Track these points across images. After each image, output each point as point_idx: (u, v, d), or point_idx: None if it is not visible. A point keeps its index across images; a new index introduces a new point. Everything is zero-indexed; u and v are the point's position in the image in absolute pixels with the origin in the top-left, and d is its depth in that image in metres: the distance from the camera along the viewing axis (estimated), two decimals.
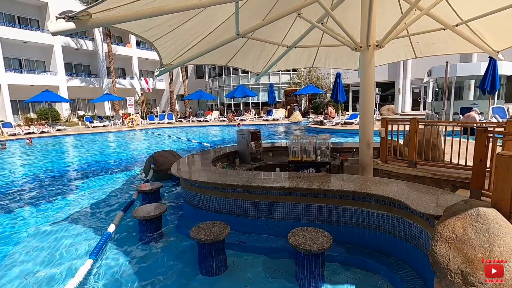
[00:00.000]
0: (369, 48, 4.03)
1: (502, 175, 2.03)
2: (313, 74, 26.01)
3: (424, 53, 6.53)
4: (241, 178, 3.61)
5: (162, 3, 2.95)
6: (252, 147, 5.33)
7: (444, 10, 4.89)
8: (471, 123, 5.01)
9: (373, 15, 3.70)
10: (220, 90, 30.87)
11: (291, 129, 17.54)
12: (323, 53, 7.17)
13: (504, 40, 5.38)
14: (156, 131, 18.97)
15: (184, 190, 4.21)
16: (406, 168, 4.85)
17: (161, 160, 6.24)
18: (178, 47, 4.95)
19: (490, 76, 10.85)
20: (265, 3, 5.03)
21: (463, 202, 2.09)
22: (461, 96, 16.12)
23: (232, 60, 6.54)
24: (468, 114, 8.25)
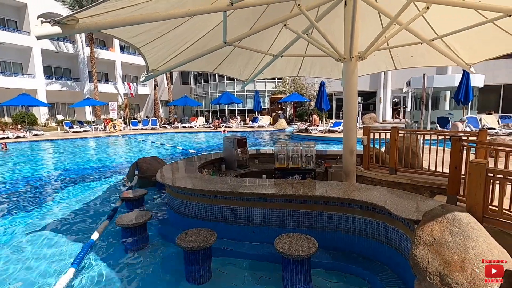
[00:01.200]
0: (352, 59, 4.19)
1: (474, 182, 2.16)
2: (298, 82, 26.49)
3: (403, 65, 6.85)
4: (227, 184, 3.62)
5: (151, 11, 2.97)
6: (238, 154, 5.35)
7: (421, 25, 5.17)
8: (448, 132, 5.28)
9: (355, 28, 3.86)
10: (206, 96, 30.78)
11: (276, 136, 17.70)
12: (308, 62, 7.36)
13: (475, 55, 5.74)
14: (140, 137, 18.60)
15: (170, 197, 4.16)
16: (387, 175, 5.02)
17: (146, 166, 6.14)
18: (165, 53, 4.94)
19: (463, 88, 11.48)
20: (253, 13, 5.13)
21: (440, 207, 2.20)
22: (437, 106, 16.87)
23: (219, 67, 6.59)
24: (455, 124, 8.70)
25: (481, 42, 5.32)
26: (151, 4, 2.92)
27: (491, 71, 19.49)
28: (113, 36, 3.42)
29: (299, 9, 3.81)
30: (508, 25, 4.52)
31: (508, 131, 11.76)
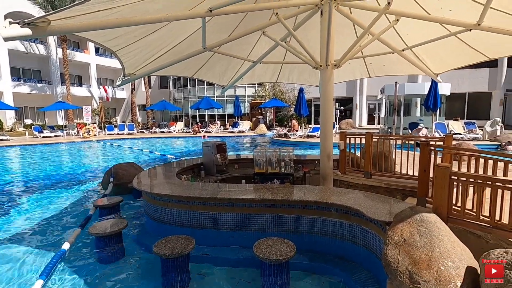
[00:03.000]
0: (328, 67, 4.34)
1: (440, 184, 2.31)
2: (277, 88, 26.86)
3: (376, 73, 7.18)
4: (206, 190, 3.60)
5: (128, 15, 2.93)
6: (217, 159, 5.33)
7: (392, 36, 5.46)
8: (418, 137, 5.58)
9: (331, 38, 4.02)
10: (185, 101, 30.39)
11: (256, 141, 17.78)
12: (287, 69, 7.51)
13: (442, 65, 6.13)
14: (116, 142, 17.98)
15: (147, 204, 4.07)
16: (362, 179, 5.20)
17: (121, 173, 5.95)
18: (143, 57, 4.87)
19: (432, 95, 12.17)
20: (232, 19, 5.19)
21: (409, 209, 2.33)
22: (409, 113, 17.75)
23: (198, 72, 6.57)
24: (417, 129, 9.23)
25: (447, 53, 5.70)
26: (127, 8, 2.89)
27: (457, 80, 20.83)
28: (87, 39, 3.33)
29: (277, 18, 3.91)
30: (469, 38, 4.88)
31: (472, 136, 12.59)
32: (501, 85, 21.30)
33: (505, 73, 21.24)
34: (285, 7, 4.05)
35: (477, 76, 21.67)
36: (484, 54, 5.15)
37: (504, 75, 21.26)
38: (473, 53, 5.26)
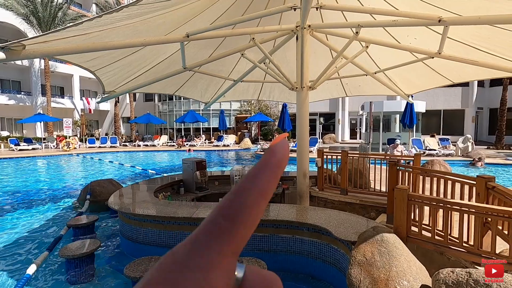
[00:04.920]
0: (303, 89, 4.54)
1: (399, 205, 2.46)
2: (262, 102, 27.25)
3: (353, 93, 7.52)
4: (182, 209, 3.62)
5: (104, 39, 3.02)
6: (197, 177, 5.36)
7: (366, 60, 5.79)
8: (391, 155, 5.84)
9: (305, 62, 4.23)
10: (170, 114, 30.23)
11: (240, 155, 17.84)
12: (268, 86, 7.73)
13: (412, 86, 6.52)
14: (96, 156, 17.56)
15: (122, 224, 4.02)
16: (339, 196, 5.36)
17: (99, 190, 5.85)
18: (123, 75, 4.92)
19: (408, 113, 12.74)
20: (214, 40, 5.36)
21: (372, 229, 2.45)
22: (389, 128, 18.39)
23: (180, 89, 6.66)
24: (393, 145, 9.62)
25: (416, 76, 6.08)
26: (105, 33, 2.97)
27: (432, 98, 21.89)
28: (64, 60, 3.37)
29: (254, 43, 4.09)
30: (434, 64, 5.25)
31: (446, 152, 13.18)
32: (473, 103, 22.55)
33: (475, 92, 22.55)
34: (261, 32, 4.26)
35: (450, 94, 22.87)
36: (448, 79, 5.54)
37: (475, 94, 22.56)
38: (439, 77, 5.64)
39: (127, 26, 3.12)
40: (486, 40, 4.05)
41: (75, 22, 2.21)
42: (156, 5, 2.40)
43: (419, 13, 3.08)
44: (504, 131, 17.59)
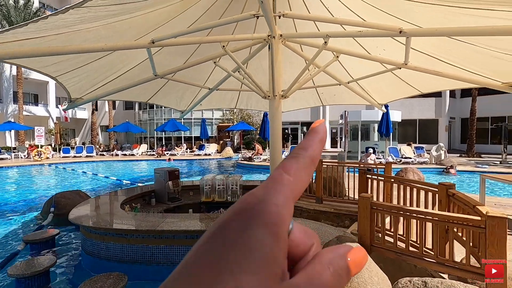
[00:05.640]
0: (275, 97, 4.53)
1: (363, 214, 2.44)
2: (245, 111, 27.31)
3: (328, 102, 7.63)
4: (147, 222, 3.45)
5: (63, 43, 2.88)
6: (169, 187, 5.19)
7: (339, 69, 5.90)
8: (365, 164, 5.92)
9: (276, 71, 4.23)
10: (151, 122, 29.67)
11: (222, 164, 17.64)
12: (245, 95, 7.71)
13: (384, 96, 6.69)
14: (70, 166, 16.81)
15: (83, 238, 3.78)
16: (314, 204, 5.34)
17: (64, 202, 5.53)
18: (90, 82, 4.73)
19: (384, 122, 13.11)
20: (185, 49, 5.29)
21: (335, 239, 2.41)
22: (368, 137, 18.87)
23: (154, 97, 6.50)
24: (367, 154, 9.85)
25: (387, 86, 6.25)
26: (64, 37, 2.84)
27: (408, 108, 22.74)
28: (19, 65, 3.18)
29: (225, 51, 4.06)
30: (403, 74, 5.42)
31: (421, 160, 13.62)
32: (445, 113, 23.61)
33: (448, 103, 23.66)
34: (232, 40, 4.24)
35: (424, 104, 23.87)
36: (416, 89, 5.72)
37: (448, 104, 23.67)
38: (408, 87, 5.82)
39: (89, 30, 3.00)
40: (448, 52, 4.23)
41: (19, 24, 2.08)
42: (113, 9, 2.31)
43: (382, 24, 3.16)
44: (475, 140, 18.47)
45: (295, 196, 0.22)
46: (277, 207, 0.20)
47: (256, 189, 0.22)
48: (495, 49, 3.10)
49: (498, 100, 20.99)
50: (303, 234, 0.23)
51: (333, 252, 0.21)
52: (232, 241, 0.18)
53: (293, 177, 0.22)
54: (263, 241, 0.18)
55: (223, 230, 0.19)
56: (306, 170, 0.23)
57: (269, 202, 0.20)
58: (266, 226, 0.19)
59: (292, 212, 0.22)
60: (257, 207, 0.20)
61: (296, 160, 0.24)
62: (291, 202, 0.21)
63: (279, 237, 0.19)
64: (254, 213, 0.20)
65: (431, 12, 3.01)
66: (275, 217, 0.20)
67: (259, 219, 0.19)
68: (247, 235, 0.19)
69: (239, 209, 0.20)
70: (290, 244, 0.21)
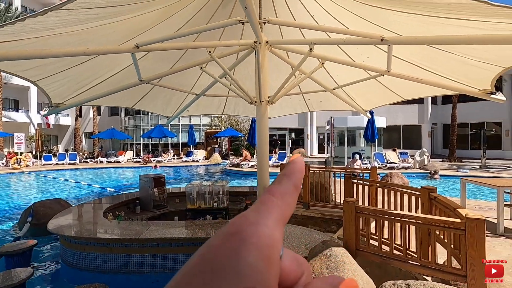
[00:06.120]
0: (262, 103, 4.55)
1: (348, 218, 2.45)
2: (233, 117, 27.29)
3: (315, 108, 7.72)
4: (130, 230, 3.36)
5: (43, 46, 2.80)
6: (154, 194, 5.08)
7: (324, 76, 6.00)
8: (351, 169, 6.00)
9: (263, 77, 4.26)
10: (137, 129, 29.17)
11: (209, 171, 17.48)
12: (232, 101, 7.70)
13: (369, 102, 6.84)
14: (51, 173, 16.24)
15: (62, 248, 3.64)
16: (301, 210, 5.34)
17: (43, 211, 5.31)
18: (73, 87, 4.61)
19: (370, 128, 13.38)
20: (172, 55, 5.26)
21: (322, 244, 2.41)
22: (354, 143, 19.19)
23: (139, 103, 6.39)
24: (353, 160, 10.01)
25: (371, 93, 6.40)
26: (43, 40, 2.76)
27: (392, 114, 23.33)
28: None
29: (211, 56, 4.05)
30: (386, 81, 5.56)
31: (406, 165, 13.95)
32: (428, 119, 24.37)
33: (430, 109, 24.44)
34: (219, 46, 4.25)
35: (408, 111, 24.56)
36: (399, 95, 5.88)
37: (430, 110, 24.44)
38: (392, 94, 5.97)
39: (70, 34, 2.94)
40: (428, 60, 4.37)
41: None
42: (94, 12, 2.27)
43: (364, 32, 3.24)
44: (456, 145, 19.09)
45: (284, 219, 0.22)
46: (269, 229, 0.20)
47: (246, 211, 0.22)
48: (471, 57, 3.24)
49: (476, 107, 21.87)
50: (294, 262, 0.22)
51: (324, 283, 0.21)
52: (222, 266, 0.17)
53: (281, 201, 0.22)
54: (255, 267, 0.18)
55: (213, 254, 0.18)
56: (291, 195, 0.23)
57: (261, 224, 0.20)
58: (258, 249, 0.18)
59: (283, 235, 0.21)
60: (248, 229, 0.19)
61: (281, 185, 0.24)
62: (281, 225, 0.21)
63: (272, 261, 0.19)
64: (246, 236, 0.19)
65: (411, 21, 3.11)
66: (267, 239, 0.19)
67: (251, 242, 0.19)
68: (238, 260, 0.18)
69: (230, 232, 0.20)
70: (280, 273, 0.20)
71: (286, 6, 4.28)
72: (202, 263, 0.18)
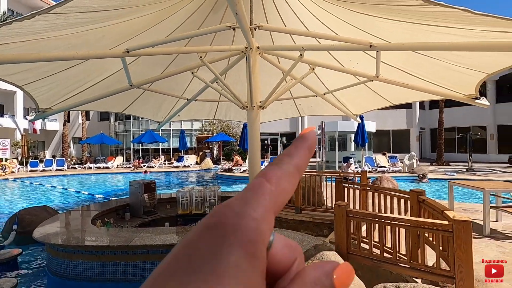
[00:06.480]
0: (253, 108, 4.57)
1: (339, 222, 2.47)
2: (224, 122, 27.26)
3: (306, 113, 7.80)
4: (119, 237, 3.29)
5: (30, 51, 2.76)
6: (145, 200, 5.01)
7: (315, 82, 6.08)
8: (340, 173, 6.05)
9: (254, 82, 4.28)
10: (127, 134, 28.80)
11: (201, 176, 17.36)
12: (224, 106, 7.70)
13: (358, 107, 6.95)
14: (37, 180, 15.83)
15: (49, 257, 3.53)
16: (293, 214, 5.35)
17: (29, 219, 5.16)
18: (61, 92, 4.53)
19: (360, 132, 13.57)
20: (163, 59, 5.24)
21: (313, 248, 2.41)
22: (345, 147, 19.39)
23: (129, 107, 6.32)
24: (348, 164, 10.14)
25: (361, 98, 6.51)
26: (30, 44, 2.72)
27: (382, 119, 23.73)
28: None
29: (202, 61, 4.06)
30: (375, 86, 5.67)
31: (395, 169, 14.18)
32: (416, 123, 24.88)
33: (418, 114, 24.98)
34: (210, 51, 4.26)
35: (397, 115, 25.04)
36: (388, 100, 6.00)
37: (418, 115, 24.98)
38: (381, 99, 6.09)
39: (58, 38, 2.90)
40: (415, 66, 4.49)
41: None
42: (83, 16, 2.25)
43: (353, 39, 3.31)
44: (443, 149, 19.52)
45: (277, 208, 0.20)
46: (255, 222, 0.18)
47: (232, 199, 0.19)
48: (456, 63, 3.34)
49: (462, 112, 22.47)
50: (286, 248, 0.20)
51: (317, 270, 0.19)
52: (198, 266, 0.15)
53: (275, 187, 0.20)
54: (237, 266, 0.16)
55: (189, 252, 0.16)
56: (289, 179, 0.21)
57: (246, 215, 0.18)
58: (241, 246, 0.16)
59: (273, 226, 0.20)
60: (231, 222, 0.18)
61: (279, 168, 0.21)
62: (271, 215, 0.19)
63: (256, 258, 0.17)
64: (228, 230, 0.17)
65: (396, 28, 3.19)
66: (252, 234, 0.17)
67: (234, 238, 0.17)
68: (218, 258, 0.16)
69: (211, 225, 0.18)
70: (270, 261, 0.19)
71: (276, 12, 4.34)
72: (179, 262, 0.16)
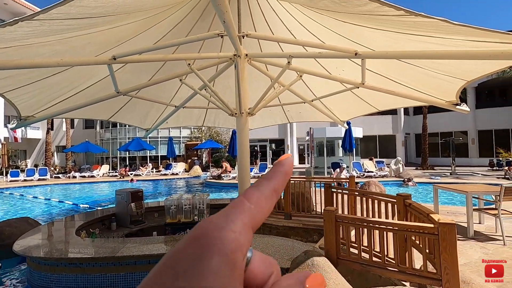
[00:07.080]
0: (242, 114, 4.58)
1: (328, 227, 2.48)
2: (213, 129, 27.17)
3: (295, 119, 7.87)
4: (105, 248, 3.20)
5: (12, 57, 2.69)
6: (132, 209, 4.90)
7: (303, 88, 6.17)
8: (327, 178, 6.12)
9: (242, 89, 4.30)
10: (114, 142, 28.23)
11: (189, 183, 17.14)
12: (212, 113, 7.68)
13: (345, 113, 7.08)
14: (18, 190, 15.24)
15: (30, 271, 3.39)
16: (283, 220, 5.34)
17: (9, 231, 4.94)
18: (44, 99, 4.42)
19: (348, 138, 13.79)
20: (151, 67, 5.20)
21: (303, 254, 2.41)
22: (333, 153, 19.64)
23: (116, 115, 6.22)
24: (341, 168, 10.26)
25: (347, 104, 6.64)
26: (13, 50, 2.65)
27: (368, 125, 24.21)
28: None
29: (190, 69, 4.06)
30: (361, 93, 5.80)
31: (382, 173, 14.44)
32: (401, 129, 25.52)
33: (403, 120, 25.65)
34: (198, 58, 4.27)
35: (382, 121, 25.62)
36: (374, 106, 6.14)
37: (403, 121, 25.64)
38: (367, 105, 6.23)
39: (42, 44, 2.84)
40: (399, 73, 4.63)
41: None
42: (69, 23, 2.22)
43: (339, 47, 3.39)
44: (428, 154, 20.05)
45: (254, 224, 0.22)
46: (234, 234, 0.20)
47: (214, 215, 0.22)
48: (437, 71, 3.46)
49: (445, 117, 23.22)
50: (263, 263, 0.22)
51: (291, 278, 0.21)
52: (184, 271, 0.17)
53: (254, 205, 0.22)
54: (218, 272, 0.18)
55: (177, 258, 0.18)
56: (267, 200, 0.23)
57: (227, 228, 0.20)
58: (221, 254, 0.18)
59: (251, 240, 0.21)
60: (213, 234, 0.20)
61: (258, 189, 0.24)
62: (249, 230, 0.21)
63: (236, 266, 0.19)
64: (210, 241, 0.19)
65: (380, 36, 3.30)
66: (232, 244, 0.19)
67: (215, 247, 0.19)
68: (201, 265, 0.18)
69: (194, 236, 0.20)
70: (248, 276, 0.21)
71: (264, 21, 4.41)
72: (166, 268, 0.18)
